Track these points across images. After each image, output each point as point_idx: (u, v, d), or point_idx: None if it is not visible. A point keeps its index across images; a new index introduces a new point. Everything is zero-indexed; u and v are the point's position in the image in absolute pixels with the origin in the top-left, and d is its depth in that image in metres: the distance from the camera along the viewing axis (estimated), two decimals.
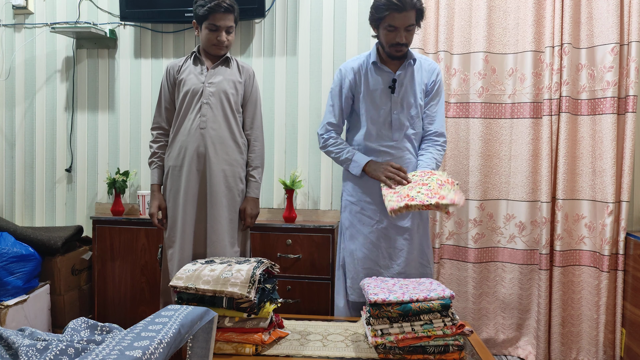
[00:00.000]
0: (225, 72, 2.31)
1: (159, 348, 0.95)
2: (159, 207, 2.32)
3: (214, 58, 2.33)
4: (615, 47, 2.52)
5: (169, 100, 2.36)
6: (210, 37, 2.25)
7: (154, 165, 2.35)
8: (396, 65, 2.18)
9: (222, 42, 2.25)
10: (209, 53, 2.32)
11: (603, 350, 2.59)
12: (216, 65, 2.31)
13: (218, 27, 2.23)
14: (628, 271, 2.55)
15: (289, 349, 1.85)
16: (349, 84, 2.20)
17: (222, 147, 2.27)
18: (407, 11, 2.01)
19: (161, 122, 2.36)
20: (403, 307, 1.73)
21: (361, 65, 2.20)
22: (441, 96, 2.25)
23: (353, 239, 2.20)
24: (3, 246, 2.51)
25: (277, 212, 2.97)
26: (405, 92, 2.16)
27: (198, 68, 2.31)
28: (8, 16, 3.20)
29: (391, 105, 2.16)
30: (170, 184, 2.31)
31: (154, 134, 2.37)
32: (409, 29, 2.07)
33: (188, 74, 2.30)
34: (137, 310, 2.76)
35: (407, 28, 2.06)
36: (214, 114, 2.26)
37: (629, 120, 2.53)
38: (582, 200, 2.64)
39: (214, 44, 2.26)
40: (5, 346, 1.26)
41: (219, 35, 2.24)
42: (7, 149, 3.24)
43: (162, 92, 2.37)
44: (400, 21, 2.03)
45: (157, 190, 2.34)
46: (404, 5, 2.00)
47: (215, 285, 1.81)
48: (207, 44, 2.28)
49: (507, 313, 2.75)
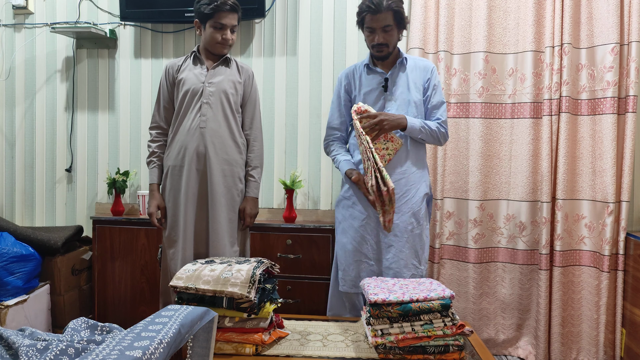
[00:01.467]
0: (225, 72, 2.31)
1: (159, 348, 0.95)
2: (158, 206, 2.32)
3: (214, 58, 2.33)
4: (615, 47, 2.52)
5: (167, 99, 2.36)
6: (215, 36, 2.25)
7: (153, 164, 2.35)
8: (389, 67, 2.27)
9: (227, 40, 2.25)
10: (210, 52, 2.32)
11: (603, 350, 2.59)
12: (216, 65, 2.31)
13: (223, 26, 2.23)
14: (628, 271, 2.55)
15: (289, 349, 1.85)
16: (344, 87, 2.33)
17: (221, 146, 2.27)
18: (382, 12, 2.13)
19: (160, 122, 2.36)
20: (403, 307, 1.73)
21: (355, 70, 2.32)
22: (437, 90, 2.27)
23: (345, 233, 2.26)
24: (3, 246, 2.51)
25: (277, 212, 2.97)
26: (400, 90, 2.22)
27: (198, 68, 2.31)
28: (8, 16, 3.20)
29: (385, 103, 2.22)
30: (170, 183, 2.31)
31: (153, 133, 2.37)
32: (387, 30, 2.16)
33: (188, 73, 2.30)
34: (137, 310, 2.76)
35: (384, 29, 2.16)
36: (214, 114, 2.26)
37: (629, 120, 2.54)
38: (582, 200, 2.64)
39: (219, 43, 2.26)
40: (6, 346, 1.27)
41: (224, 33, 2.24)
42: (7, 149, 3.24)
43: (161, 91, 2.36)
44: (377, 22, 2.14)
45: (156, 190, 2.33)
46: (377, 8, 2.12)
47: (215, 285, 1.81)
48: (211, 43, 2.27)
49: (507, 313, 2.75)
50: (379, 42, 2.16)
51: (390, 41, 2.18)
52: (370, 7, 2.12)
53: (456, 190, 2.76)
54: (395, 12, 2.14)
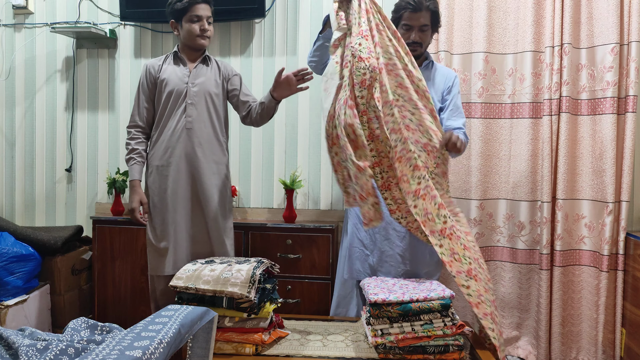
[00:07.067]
0: (207, 73, 2.34)
1: (159, 348, 0.95)
2: (141, 202, 2.33)
3: (194, 57, 2.36)
4: (615, 47, 2.52)
5: (148, 99, 2.36)
6: (194, 28, 2.27)
7: (133, 161, 2.34)
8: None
9: (205, 30, 2.29)
10: (190, 50, 2.34)
11: (603, 350, 2.59)
12: (197, 65, 2.34)
13: (199, 17, 2.27)
14: (628, 271, 2.55)
15: (289, 349, 1.85)
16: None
17: (208, 146, 2.30)
18: (421, 11, 2.15)
19: (138, 121, 2.37)
20: (403, 307, 1.73)
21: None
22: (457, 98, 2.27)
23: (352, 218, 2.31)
24: (3, 246, 2.51)
25: (277, 212, 2.97)
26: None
27: (180, 68, 2.33)
28: (8, 16, 3.20)
29: None
30: (155, 182, 2.32)
31: (132, 131, 2.37)
32: (423, 30, 2.20)
33: (170, 74, 2.32)
34: (137, 310, 2.76)
35: (421, 28, 2.19)
36: (198, 114, 2.29)
37: (629, 120, 2.54)
38: (582, 200, 2.64)
39: (198, 35, 2.28)
40: (5, 346, 1.27)
41: (201, 24, 2.28)
42: (7, 149, 3.24)
43: (141, 90, 2.37)
44: (415, 20, 2.17)
45: (138, 186, 2.34)
46: (418, 6, 2.14)
47: (215, 285, 1.81)
48: (190, 37, 2.29)
49: (507, 312, 2.75)
50: (414, 40, 2.18)
51: (425, 41, 2.22)
52: (411, 4, 2.14)
53: (456, 189, 2.76)
54: (433, 13, 2.19)
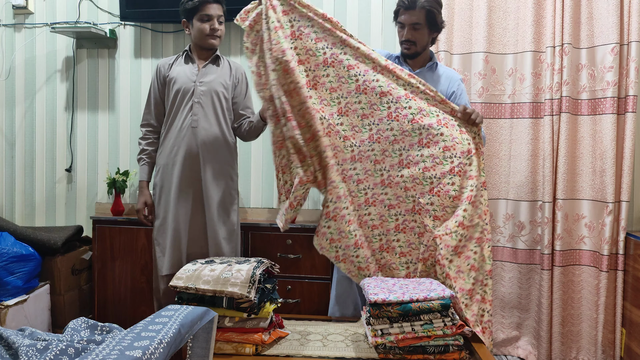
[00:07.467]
0: (217, 72, 2.34)
1: (159, 348, 0.95)
2: (145, 203, 2.36)
3: (205, 56, 2.36)
4: (615, 47, 2.52)
5: (158, 98, 2.39)
6: (204, 27, 2.28)
7: (143, 162, 2.39)
8: (417, 67, 2.29)
9: (215, 30, 2.29)
10: (201, 50, 2.35)
11: (603, 350, 2.59)
12: (207, 64, 2.33)
13: (210, 17, 2.27)
14: (628, 271, 2.55)
15: (289, 349, 1.85)
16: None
17: (213, 146, 2.30)
18: (414, 10, 2.14)
19: (150, 120, 2.39)
20: (403, 307, 1.73)
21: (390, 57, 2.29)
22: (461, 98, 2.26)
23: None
24: (3, 246, 2.51)
25: (277, 212, 2.96)
26: None
27: (189, 67, 2.34)
28: (8, 16, 3.20)
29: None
30: (161, 181, 2.34)
31: (143, 130, 2.41)
32: (416, 28, 2.18)
33: (178, 72, 2.33)
34: (137, 310, 2.76)
35: (413, 26, 2.17)
36: (205, 113, 2.29)
37: (629, 120, 2.54)
38: (582, 200, 2.64)
39: (208, 34, 2.29)
40: (6, 346, 1.27)
41: (212, 24, 2.28)
42: (7, 149, 3.24)
43: (152, 90, 2.40)
44: (407, 18, 2.17)
45: (145, 187, 2.37)
46: (411, 4, 2.14)
47: (215, 285, 1.81)
48: (201, 36, 2.30)
49: (507, 312, 2.75)
50: (406, 38, 2.19)
51: (419, 40, 2.20)
52: (404, 2, 2.15)
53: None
54: (427, 12, 2.15)
